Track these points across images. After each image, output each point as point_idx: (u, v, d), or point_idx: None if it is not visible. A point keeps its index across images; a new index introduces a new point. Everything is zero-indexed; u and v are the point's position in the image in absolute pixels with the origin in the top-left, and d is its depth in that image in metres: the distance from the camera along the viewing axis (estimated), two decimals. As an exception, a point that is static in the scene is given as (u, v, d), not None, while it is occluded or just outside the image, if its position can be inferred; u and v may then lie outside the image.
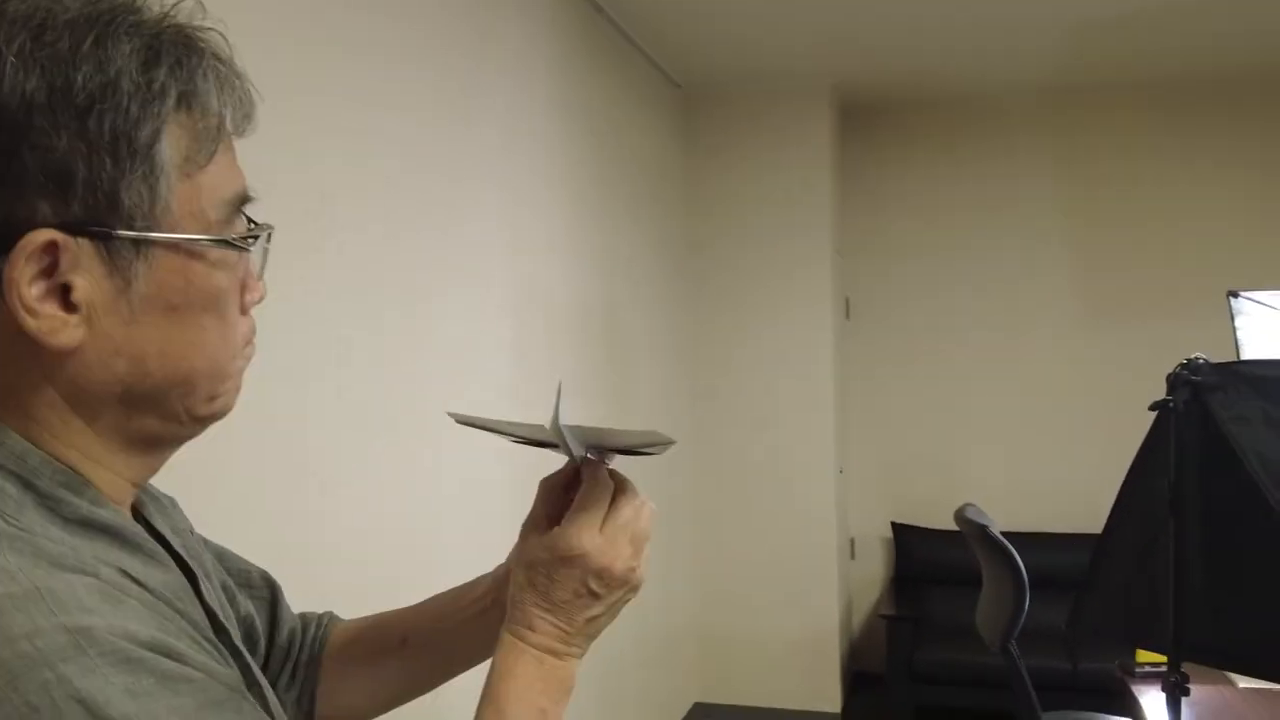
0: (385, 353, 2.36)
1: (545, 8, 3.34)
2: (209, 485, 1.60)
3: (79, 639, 0.52)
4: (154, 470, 0.71)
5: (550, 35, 3.37)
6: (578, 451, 0.84)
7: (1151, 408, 1.93)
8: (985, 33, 4.29)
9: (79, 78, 0.58)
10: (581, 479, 0.84)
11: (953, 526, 3.33)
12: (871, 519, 5.41)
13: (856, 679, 5.26)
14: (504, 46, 3.03)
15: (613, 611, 0.83)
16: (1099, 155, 5.14)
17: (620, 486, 0.83)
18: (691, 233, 4.90)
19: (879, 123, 5.35)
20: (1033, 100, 5.17)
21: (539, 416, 0.85)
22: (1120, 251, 5.08)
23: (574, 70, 3.56)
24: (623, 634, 0.82)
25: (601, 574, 0.80)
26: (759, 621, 4.87)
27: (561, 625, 0.80)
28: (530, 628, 0.80)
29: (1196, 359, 1.92)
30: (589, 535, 0.79)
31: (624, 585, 0.81)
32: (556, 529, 0.81)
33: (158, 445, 0.69)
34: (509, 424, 0.86)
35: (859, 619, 5.44)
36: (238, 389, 0.71)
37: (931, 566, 5.08)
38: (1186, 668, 1.96)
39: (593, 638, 0.83)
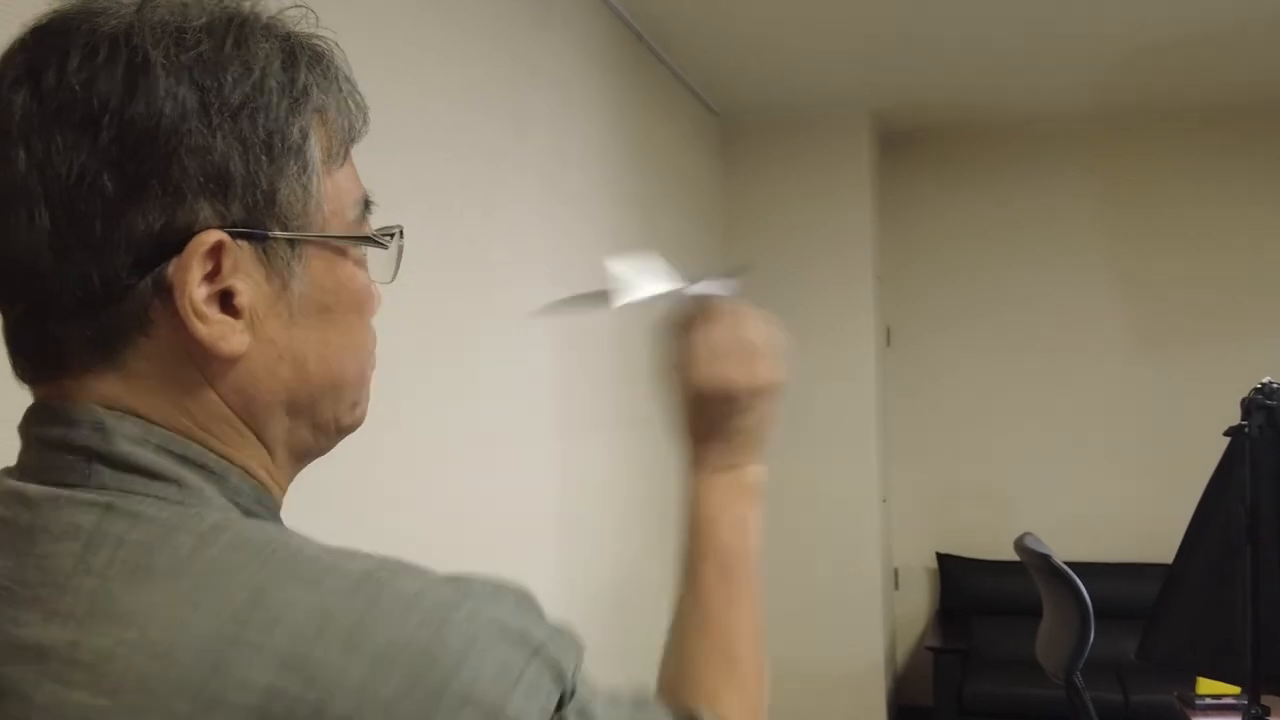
0: (432, 378, 2.36)
1: (586, 36, 3.36)
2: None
3: (457, 583, 0.55)
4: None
5: (590, 64, 3.39)
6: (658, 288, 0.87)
7: (1226, 433, 1.89)
8: (1025, 59, 4.28)
9: (228, 78, 0.58)
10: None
11: (1000, 557, 3.29)
12: (916, 549, 5.34)
13: (902, 712, 5.17)
14: (545, 75, 3.04)
15: (760, 414, 0.87)
16: (1144, 179, 5.09)
17: (705, 313, 0.87)
18: (731, 260, 4.88)
19: (919, 148, 5.33)
20: (1075, 125, 5.14)
21: (579, 448, 0.84)
22: (1169, 276, 5.02)
23: (613, 98, 3.57)
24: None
25: (730, 398, 0.85)
26: (802, 653, 4.81)
27: (717, 445, 0.86)
28: (697, 462, 0.86)
29: (1270, 383, 1.89)
30: (687, 377, 0.85)
31: (752, 397, 0.86)
32: (675, 374, 0.87)
33: (304, 458, 0.67)
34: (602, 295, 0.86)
35: (904, 651, 5.37)
36: (369, 398, 0.69)
37: (978, 598, 5.00)
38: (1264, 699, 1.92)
39: (756, 446, 0.89)
